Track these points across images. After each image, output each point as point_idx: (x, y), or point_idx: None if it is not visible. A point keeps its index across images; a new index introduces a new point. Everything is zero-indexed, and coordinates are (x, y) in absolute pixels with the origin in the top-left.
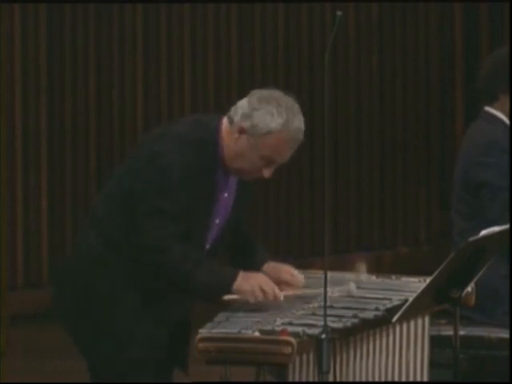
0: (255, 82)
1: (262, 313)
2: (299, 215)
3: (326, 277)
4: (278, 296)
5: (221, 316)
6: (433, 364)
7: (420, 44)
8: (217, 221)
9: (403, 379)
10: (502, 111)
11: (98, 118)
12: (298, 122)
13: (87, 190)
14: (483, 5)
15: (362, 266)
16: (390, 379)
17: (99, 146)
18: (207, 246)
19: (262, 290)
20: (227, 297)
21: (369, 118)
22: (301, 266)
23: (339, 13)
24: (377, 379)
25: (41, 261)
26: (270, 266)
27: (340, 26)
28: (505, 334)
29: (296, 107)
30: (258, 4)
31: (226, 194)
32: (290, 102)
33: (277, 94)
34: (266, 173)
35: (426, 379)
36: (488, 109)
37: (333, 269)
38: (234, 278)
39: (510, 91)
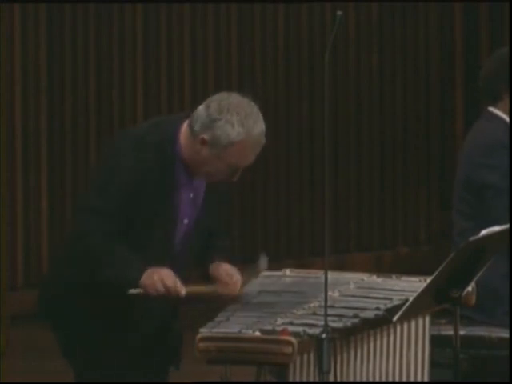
0: (255, 82)
1: (262, 312)
2: (299, 215)
3: (326, 277)
4: (179, 291)
5: (221, 316)
6: (433, 364)
7: (420, 44)
8: (185, 221)
9: (403, 379)
10: (505, 111)
11: (98, 117)
12: (260, 127)
13: (87, 190)
14: (483, 5)
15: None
16: (390, 379)
17: (99, 146)
18: (178, 247)
19: (164, 284)
20: (132, 291)
21: (369, 118)
22: (301, 266)
23: (339, 13)
24: (377, 379)
25: (41, 261)
26: (214, 265)
27: (340, 26)
28: (505, 334)
29: (255, 111)
30: (258, 4)
31: (191, 195)
32: (249, 108)
33: (235, 100)
34: (234, 178)
35: (426, 379)
36: (491, 109)
37: (333, 269)
38: (140, 272)
39: (510, 91)
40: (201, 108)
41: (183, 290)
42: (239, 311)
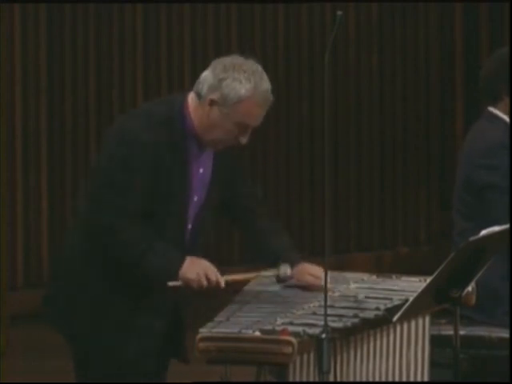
0: None
1: (262, 312)
2: (299, 215)
3: (326, 277)
4: (220, 282)
5: (221, 316)
6: (433, 364)
7: (420, 44)
8: (195, 198)
9: (403, 379)
10: (506, 112)
11: (98, 118)
12: (266, 84)
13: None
14: (483, 5)
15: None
16: (390, 379)
17: (99, 146)
18: (189, 226)
19: (207, 278)
20: (172, 283)
21: (369, 118)
22: None
23: (339, 12)
24: (377, 379)
25: (41, 261)
26: (299, 267)
27: (340, 26)
28: (505, 334)
29: (260, 69)
30: (258, 4)
31: (201, 170)
32: (253, 66)
33: (239, 60)
34: (243, 139)
35: (426, 379)
36: (492, 109)
37: (333, 269)
38: (180, 264)
39: (510, 91)
40: (205, 73)
41: (223, 282)
42: (239, 311)
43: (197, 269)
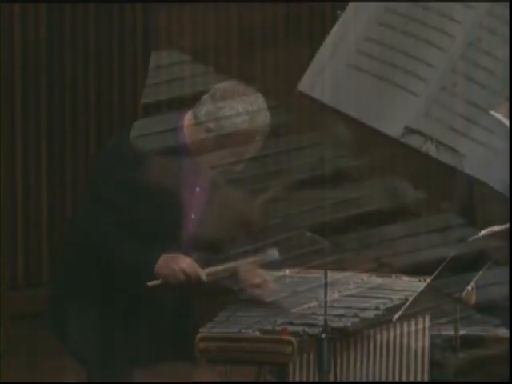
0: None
1: (262, 312)
2: None
3: (326, 277)
4: (200, 276)
5: (221, 316)
6: (433, 364)
7: None
8: (192, 216)
9: (403, 379)
10: (505, 115)
11: (98, 117)
12: (264, 115)
13: (91, 180)
14: None
15: None
16: (390, 379)
17: (99, 146)
18: (189, 242)
19: (184, 272)
20: (151, 283)
21: None
22: (301, 265)
23: (339, 12)
24: (377, 379)
25: (41, 261)
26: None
27: None
28: (505, 334)
29: (260, 100)
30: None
31: (197, 189)
32: (254, 97)
33: (240, 88)
34: (237, 168)
35: (426, 379)
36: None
37: (333, 269)
38: (154, 261)
39: (510, 92)
40: (206, 96)
41: (203, 275)
42: (239, 311)
43: (172, 264)
